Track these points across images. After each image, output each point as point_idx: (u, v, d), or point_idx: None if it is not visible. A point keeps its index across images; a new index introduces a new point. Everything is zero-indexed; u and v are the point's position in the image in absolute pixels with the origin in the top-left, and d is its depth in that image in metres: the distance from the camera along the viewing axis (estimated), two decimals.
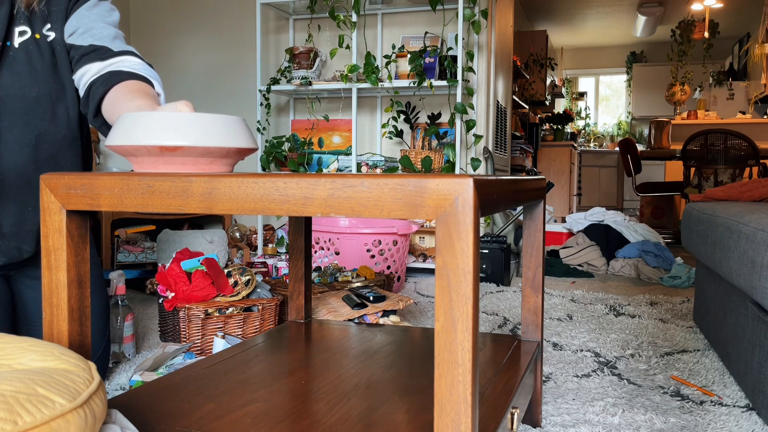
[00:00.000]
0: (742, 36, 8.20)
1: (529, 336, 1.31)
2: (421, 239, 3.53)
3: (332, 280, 2.30)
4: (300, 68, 3.48)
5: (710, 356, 1.84)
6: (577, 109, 9.55)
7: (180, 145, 0.81)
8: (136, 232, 3.05)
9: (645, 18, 7.34)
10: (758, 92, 7.52)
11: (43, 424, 0.55)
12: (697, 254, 1.96)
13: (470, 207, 0.63)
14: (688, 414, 1.40)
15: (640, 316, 2.39)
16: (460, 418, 0.64)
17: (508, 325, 2.23)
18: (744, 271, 1.39)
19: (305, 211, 0.69)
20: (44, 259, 0.81)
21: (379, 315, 1.92)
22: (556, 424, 1.32)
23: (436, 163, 3.23)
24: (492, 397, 0.97)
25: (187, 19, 4.09)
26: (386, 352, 1.22)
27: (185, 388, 1.01)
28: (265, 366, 1.12)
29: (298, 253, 1.40)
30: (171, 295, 1.82)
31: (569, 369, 1.71)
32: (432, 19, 3.56)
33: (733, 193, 2.06)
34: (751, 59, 7.53)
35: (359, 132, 3.70)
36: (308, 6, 3.58)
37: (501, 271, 3.08)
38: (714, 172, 4.65)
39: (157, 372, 1.56)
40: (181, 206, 0.74)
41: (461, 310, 0.63)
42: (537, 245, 1.28)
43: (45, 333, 0.83)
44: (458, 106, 3.11)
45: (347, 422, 0.87)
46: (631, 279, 3.34)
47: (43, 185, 0.81)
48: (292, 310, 1.44)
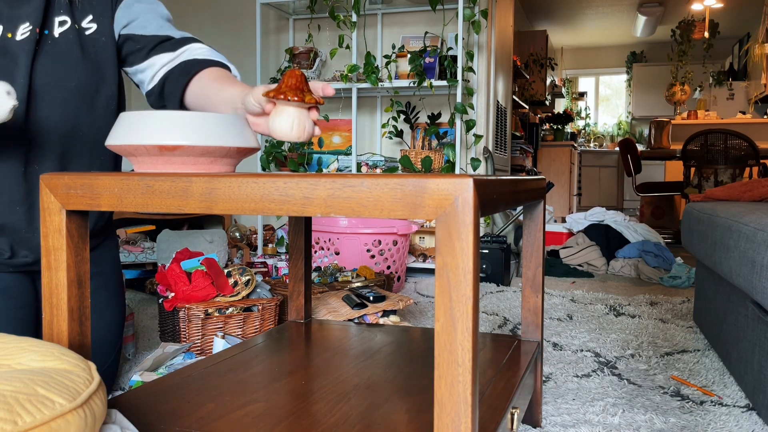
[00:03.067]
0: (742, 36, 8.20)
1: (529, 336, 1.31)
2: (421, 239, 3.53)
3: (332, 280, 2.30)
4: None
5: (710, 356, 1.84)
6: (577, 109, 9.55)
7: (179, 145, 0.81)
8: (136, 232, 3.05)
9: (645, 18, 7.34)
10: (758, 92, 7.52)
11: (43, 424, 0.55)
12: (697, 254, 1.96)
13: (470, 207, 0.63)
14: (688, 414, 1.40)
15: (640, 316, 2.39)
16: (460, 418, 0.64)
17: (508, 325, 2.23)
18: (744, 271, 1.39)
19: (305, 211, 0.69)
20: (44, 259, 0.81)
21: (379, 315, 1.92)
22: (556, 424, 1.32)
23: (436, 163, 3.23)
24: (492, 397, 0.97)
25: (187, 19, 4.09)
26: (386, 352, 1.22)
27: (185, 388, 1.01)
28: (265, 366, 1.12)
29: (298, 253, 1.40)
30: (171, 295, 1.82)
31: (569, 369, 1.71)
32: (432, 19, 3.56)
33: (733, 193, 2.06)
34: (751, 59, 7.53)
35: (359, 132, 3.70)
36: (308, 6, 3.58)
37: (501, 271, 3.08)
38: (714, 172, 4.65)
39: (157, 372, 1.56)
40: (181, 206, 0.74)
41: (461, 310, 0.63)
42: (537, 245, 1.28)
43: (45, 333, 0.83)
44: (458, 106, 3.11)
45: (347, 422, 0.87)
46: (631, 279, 3.34)
47: (43, 185, 0.81)
48: (292, 310, 1.44)
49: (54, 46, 1.30)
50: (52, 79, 1.29)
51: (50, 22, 1.30)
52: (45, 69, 1.28)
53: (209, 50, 1.32)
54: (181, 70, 1.28)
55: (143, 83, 1.37)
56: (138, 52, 1.35)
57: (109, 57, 1.37)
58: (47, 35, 1.29)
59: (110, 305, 1.47)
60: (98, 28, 1.36)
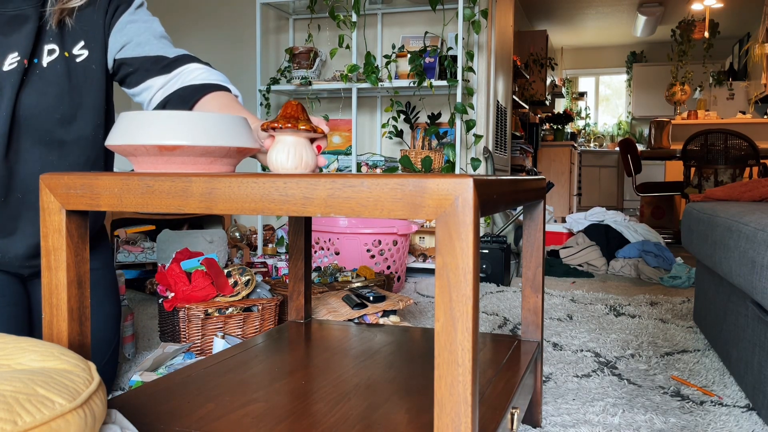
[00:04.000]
0: (742, 36, 8.20)
1: (529, 336, 1.31)
2: (421, 239, 3.53)
3: (332, 280, 2.30)
4: (300, 68, 3.48)
5: (710, 356, 1.84)
6: (577, 109, 9.55)
7: (179, 145, 0.81)
8: (136, 232, 3.05)
9: (645, 18, 7.34)
10: (758, 92, 7.52)
11: (43, 424, 0.55)
12: (697, 254, 1.96)
13: (470, 207, 0.63)
14: (688, 414, 1.40)
15: (640, 316, 2.39)
16: (460, 418, 0.64)
17: (508, 325, 2.23)
18: (744, 271, 1.39)
19: (305, 211, 0.69)
20: (44, 259, 0.81)
21: (379, 315, 1.92)
22: (556, 425, 1.32)
23: (436, 163, 3.23)
24: (492, 397, 0.97)
25: (187, 19, 4.09)
26: (386, 352, 1.21)
27: (185, 388, 1.01)
28: (265, 366, 1.12)
29: (298, 253, 1.40)
30: (171, 295, 1.82)
31: (569, 369, 1.71)
32: (432, 19, 3.56)
33: (733, 193, 2.06)
34: (751, 59, 7.53)
35: (359, 132, 3.70)
36: (308, 6, 3.58)
37: (501, 271, 3.08)
38: (714, 172, 4.65)
39: (156, 372, 1.56)
40: (180, 206, 0.74)
41: (461, 310, 0.63)
42: (537, 245, 1.28)
43: (45, 333, 0.83)
44: (458, 106, 3.11)
45: (347, 422, 0.87)
46: (631, 279, 3.34)
47: (43, 185, 0.81)
48: (292, 310, 1.44)
49: (41, 77, 1.28)
50: (36, 110, 1.27)
51: (39, 50, 1.28)
52: (30, 100, 1.27)
53: (207, 70, 1.29)
54: (179, 98, 1.25)
55: (143, 105, 1.37)
56: (132, 75, 1.33)
57: (97, 87, 1.35)
58: (36, 64, 1.28)
59: (104, 303, 1.47)
60: (89, 54, 1.33)
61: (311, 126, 0.87)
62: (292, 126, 0.85)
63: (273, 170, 0.90)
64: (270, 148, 0.89)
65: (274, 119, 0.87)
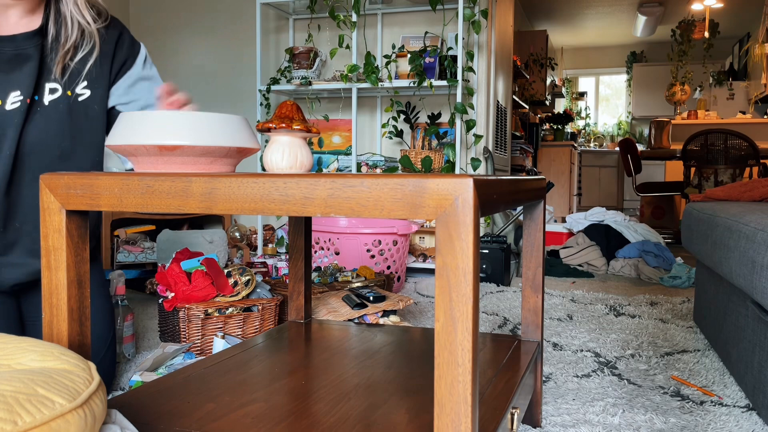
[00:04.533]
0: (742, 36, 8.20)
1: (529, 336, 1.31)
2: (421, 239, 3.53)
3: (332, 280, 2.30)
4: (300, 68, 3.48)
5: (710, 356, 1.84)
6: (577, 109, 9.55)
7: (179, 145, 0.81)
8: (136, 232, 3.05)
9: (645, 18, 7.34)
10: (758, 92, 7.52)
11: (43, 425, 0.55)
12: (698, 254, 1.96)
13: (470, 207, 0.63)
14: (688, 414, 1.40)
15: (640, 316, 2.39)
16: (460, 418, 0.64)
17: (508, 325, 2.23)
18: (744, 271, 1.39)
19: (305, 211, 0.69)
20: (44, 259, 0.81)
21: (379, 315, 1.92)
22: (556, 425, 1.32)
23: (436, 163, 3.23)
24: (492, 397, 0.97)
25: (187, 19, 4.09)
26: (386, 352, 1.21)
27: (185, 388, 1.01)
28: (265, 366, 1.12)
29: (298, 253, 1.40)
30: (171, 295, 1.82)
31: (569, 369, 1.71)
32: (432, 19, 3.56)
33: (733, 193, 2.06)
34: (751, 59, 7.53)
35: (359, 132, 3.70)
36: (308, 6, 3.58)
37: (501, 271, 3.08)
38: (714, 172, 4.65)
39: (156, 372, 1.56)
40: (180, 206, 0.74)
41: (461, 310, 0.63)
42: (537, 245, 1.28)
43: (45, 333, 0.83)
44: (458, 106, 3.11)
45: (347, 422, 0.87)
46: (631, 279, 3.34)
47: (43, 185, 0.81)
48: (292, 310, 1.44)
49: (42, 115, 1.31)
50: (37, 147, 1.31)
51: (41, 88, 1.31)
52: (32, 137, 1.30)
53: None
54: None
55: None
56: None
57: (97, 125, 1.39)
58: (37, 101, 1.30)
59: (94, 299, 1.50)
60: (92, 94, 1.36)
61: (306, 126, 0.87)
62: (286, 126, 0.86)
63: (268, 170, 0.91)
64: (266, 149, 0.91)
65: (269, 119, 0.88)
